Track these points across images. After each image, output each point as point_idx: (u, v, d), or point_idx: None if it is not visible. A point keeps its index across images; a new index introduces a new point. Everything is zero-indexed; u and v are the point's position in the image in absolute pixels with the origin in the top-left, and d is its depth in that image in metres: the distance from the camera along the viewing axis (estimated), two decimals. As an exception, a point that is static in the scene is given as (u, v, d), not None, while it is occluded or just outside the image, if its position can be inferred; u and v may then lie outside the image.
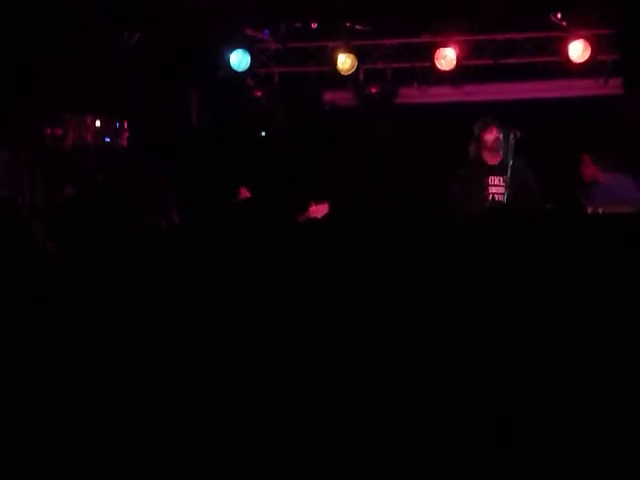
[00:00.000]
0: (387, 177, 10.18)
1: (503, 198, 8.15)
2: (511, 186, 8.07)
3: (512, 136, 8.15)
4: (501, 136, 8.26)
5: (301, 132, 10.58)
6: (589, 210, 7.70)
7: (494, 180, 8.32)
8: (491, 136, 8.34)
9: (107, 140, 9.61)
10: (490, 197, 8.31)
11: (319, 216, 6.66)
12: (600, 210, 7.72)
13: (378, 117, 10.57)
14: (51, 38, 8.80)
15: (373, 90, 10.61)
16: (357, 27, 10.19)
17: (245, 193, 7.85)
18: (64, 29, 8.85)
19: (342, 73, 10.34)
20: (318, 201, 7.04)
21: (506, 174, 8.10)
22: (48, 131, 9.20)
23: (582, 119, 9.92)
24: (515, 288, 3.14)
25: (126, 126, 9.73)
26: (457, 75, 10.27)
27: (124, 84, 9.45)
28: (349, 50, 10.24)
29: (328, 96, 10.77)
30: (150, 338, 3.10)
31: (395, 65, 10.51)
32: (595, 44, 9.81)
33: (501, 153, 8.29)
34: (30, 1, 8.53)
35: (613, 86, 10.10)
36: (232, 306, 3.16)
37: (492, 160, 8.39)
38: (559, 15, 9.83)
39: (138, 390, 2.95)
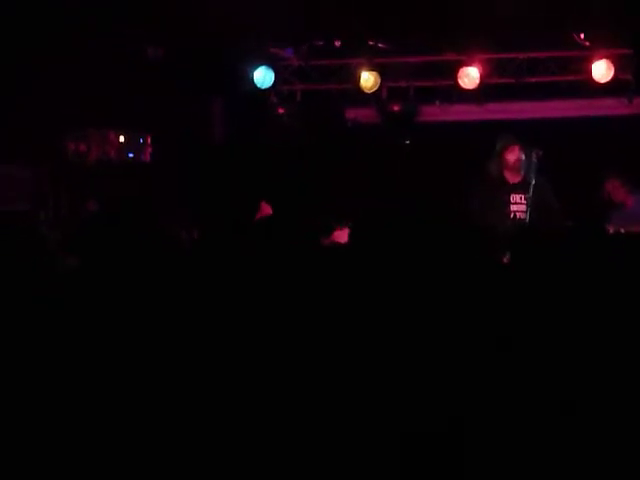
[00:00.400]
0: (409, 195, 10.16)
1: (525, 216, 8.13)
2: (532, 205, 8.05)
3: (534, 155, 8.13)
4: (523, 156, 8.24)
5: (323, 149, 10.60)
6: (611, 230, 7.65)
7: (515, 198, 8.29)
8: (513, 156, 8.31)
9: (130, 156, 9.65)
10: (512, 215, 8.29)
11: (342, 241, 6.66)
12: (622, 230, 7.67)
13: (400, 135, 10.57)
14: (76, 54, 8.89)
15: (395, 108, 10.60)
16: (380, 45, 10.20)
17: (266, 209, 7.84)
18: (90, 46, 8.94)
19: (365, 91, 10.33)
20: (342, 226, 7.03)
21: (528, 192, 8.08)
22: (72, 146, 9.26)
23: (605, 138, 9.88)
24: (536, 305, 3.14)
25: (149, 142, 9.78)
26: (479, 93, 10.26)
27: (147, 100, 9.51)
28: (372, 68, 10.24)
29: (350, 113, 10.78)
30: (166, 352, 3.11)
31: (418, 83, 10.51)
32: (618, 63, 9.79)
33: (522, 172, 8.26)
34: (52, 14, 8.57)
35: (637, 105, 10.08)
36: (252, 322, 3.17)
37: (514, 179, 8.37)
38: (582, 35, 9.82)
39: (146, 401, 2.97)
